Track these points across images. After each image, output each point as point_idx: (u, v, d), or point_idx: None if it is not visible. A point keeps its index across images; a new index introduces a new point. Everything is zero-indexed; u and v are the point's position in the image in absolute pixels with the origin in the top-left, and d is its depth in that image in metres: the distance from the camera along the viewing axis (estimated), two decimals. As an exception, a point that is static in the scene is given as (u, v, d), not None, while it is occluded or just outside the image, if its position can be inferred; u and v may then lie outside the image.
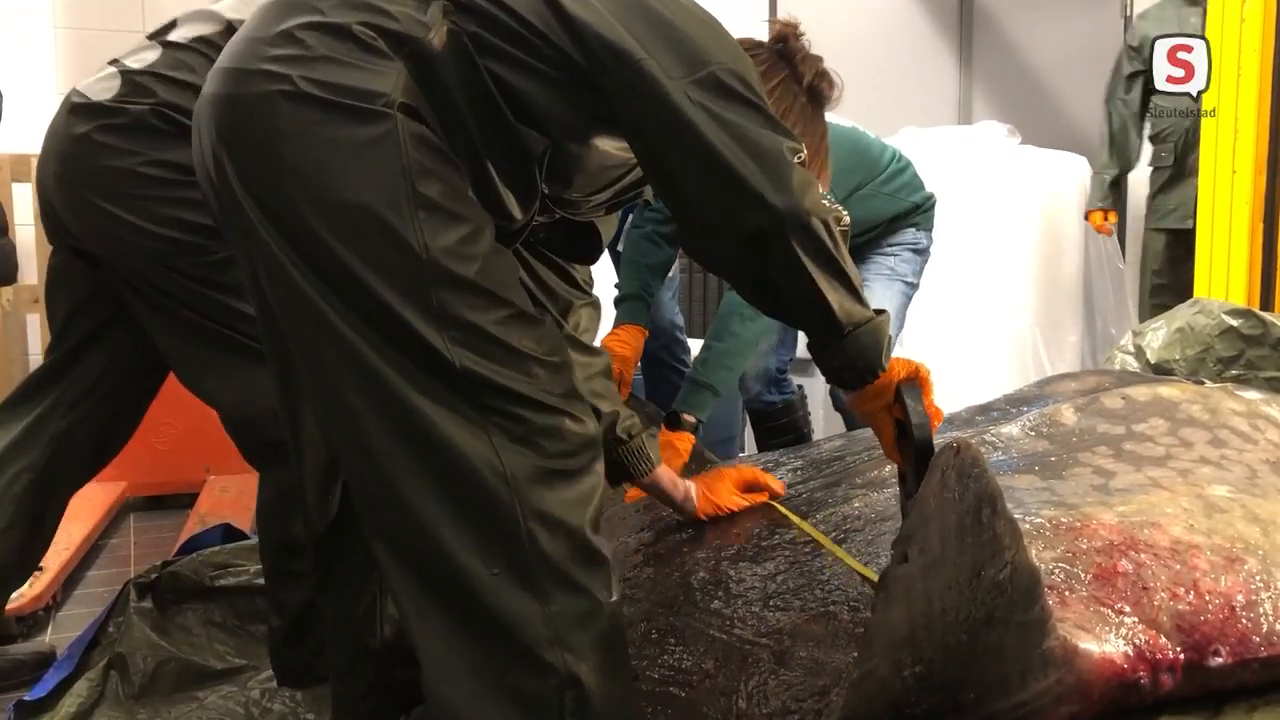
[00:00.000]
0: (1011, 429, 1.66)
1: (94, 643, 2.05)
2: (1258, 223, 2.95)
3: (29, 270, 3.41)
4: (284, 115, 1.13)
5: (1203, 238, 3.07)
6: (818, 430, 3.24)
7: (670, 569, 1.62)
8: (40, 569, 2.44)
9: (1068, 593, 1.15)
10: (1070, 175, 4.05)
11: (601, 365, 1.58)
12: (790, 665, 1.32)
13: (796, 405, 2.95)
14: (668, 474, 1.67)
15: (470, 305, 1.14)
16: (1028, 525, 1.25)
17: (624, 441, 1.60)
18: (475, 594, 1.14)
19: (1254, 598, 1.18)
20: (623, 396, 1.87)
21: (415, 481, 1.15)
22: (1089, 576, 1.17)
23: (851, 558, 1.48)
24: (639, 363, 2.45)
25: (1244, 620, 1.16)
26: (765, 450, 2.67)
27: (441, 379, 1.14)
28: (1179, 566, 1.19)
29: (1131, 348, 2.26)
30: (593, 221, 1.49)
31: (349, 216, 1.12)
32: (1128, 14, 4.28)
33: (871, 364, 1.30)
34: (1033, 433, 1.63)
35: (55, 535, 2.03)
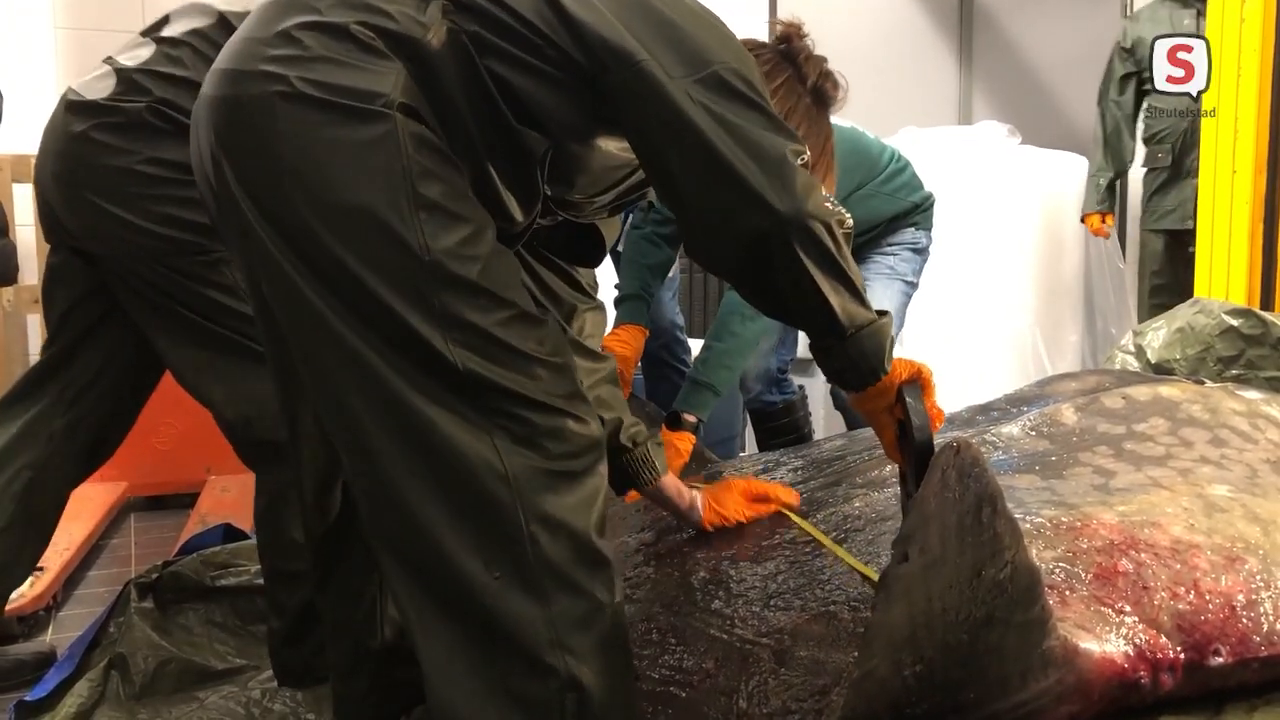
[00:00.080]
0: (1012, 429, 1.66)
1: (95, 643, 2.05)
2: (1258, 223, 2.94)
3: (29, 271, 3.41)
4: (282, 116, 1.12)
5: (1203, 238, 3.07)
6: (818, 430, 3.24)
7: (671, 569, 1.62)
8: (41, 569, 2.44)
9: (1068, 592, 1.15)
10: (1070, 175, 4.05)
11: (606, 371, 1.56)
12: (791, 665, 1.32)
13: (797, 405, 2.95)
14: (673, 482, 1.65)
15: (472, 306, 1.14)
16: (1028, 525, 1.25)
17: (628, 449, 1.58)
18: (476, 597, 1.14)
19: (1254, 597, 1.18)
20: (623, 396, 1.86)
21: (416, 484, 1.14)
22: (1089, 576, 1.17)
23: (852, 557, 1.48)
24: (639, 363, 2.45)
25: (1244, 620, 1.16)
26: (766, 450, 2.67)
27: (443, 381, 1.13)
28: (1179, 566, 1.19)
29: (1132, 347, 2.26)
30: (595, 224, 1.47)
31: (349, 218, 1.12)
32: (1128, 14, 4.27)
33: (874, 366, 1.30)
34: (1033, 432, 1.63)
35: (56, 534, 2.03)
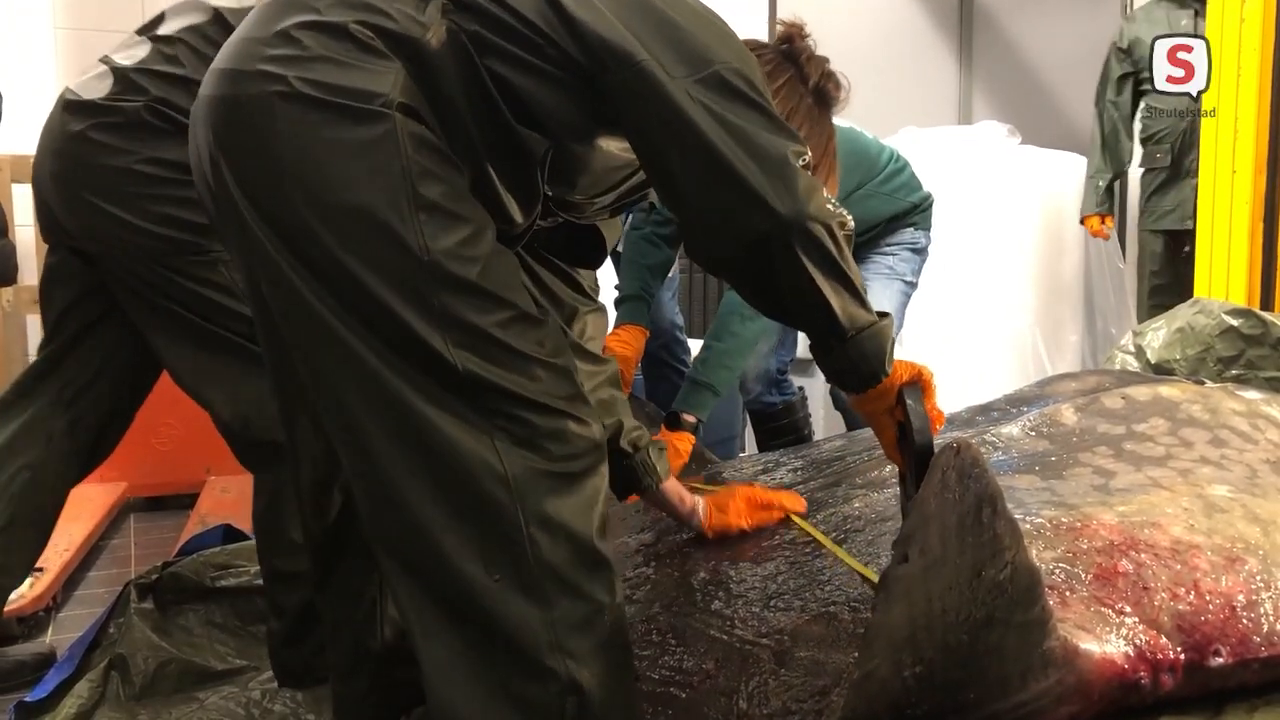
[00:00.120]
0: (1012, 429, 1.66)
1: (95, 643, 2.04)
2: (1258, 223, 2.94)
3: (29, 271, 3.41)
4: (281, 117, 1.12)
5: (1203, 238, 3.07)
6: (818, 430, 3.24)
7: (670, 569, 1.62)
8: (41, 570, 2.44)
9: (1068, 593, 1.15)
10: (1070, 175, 4.05)
11: (608, 374, 1.55)
12: (791, 666, 1.32)
13: (797, 406, 2.95)
14: (675, 487, 1.63)
15: (472, 307, 1.13)
16: (1028, 525, 1.25)
17: (629, 454, 1.56)
18: (476, 600, 1.13)
19: (1254, 598, 1.18)
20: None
21: (416, 486, 1.14)
22: (1089, 576, 1.17)
23: (852, 558, 1.48)
24: (639, 363, 2.45)
25: (1244, 620, 1.16)
26: (766, 451, 2.67)
27: (443, 382, 1.13)
28: (1179, 566, 1.19)
29: (1132, 347, 2.26)
30: (596, 225, 1.46)
31: (348, 218, 1.11)
32: (1128, 14, 4.27)
33: (874, 368, 1.30)
34: (1033, 433, 1.63)
35: (56, 535, 2.03)
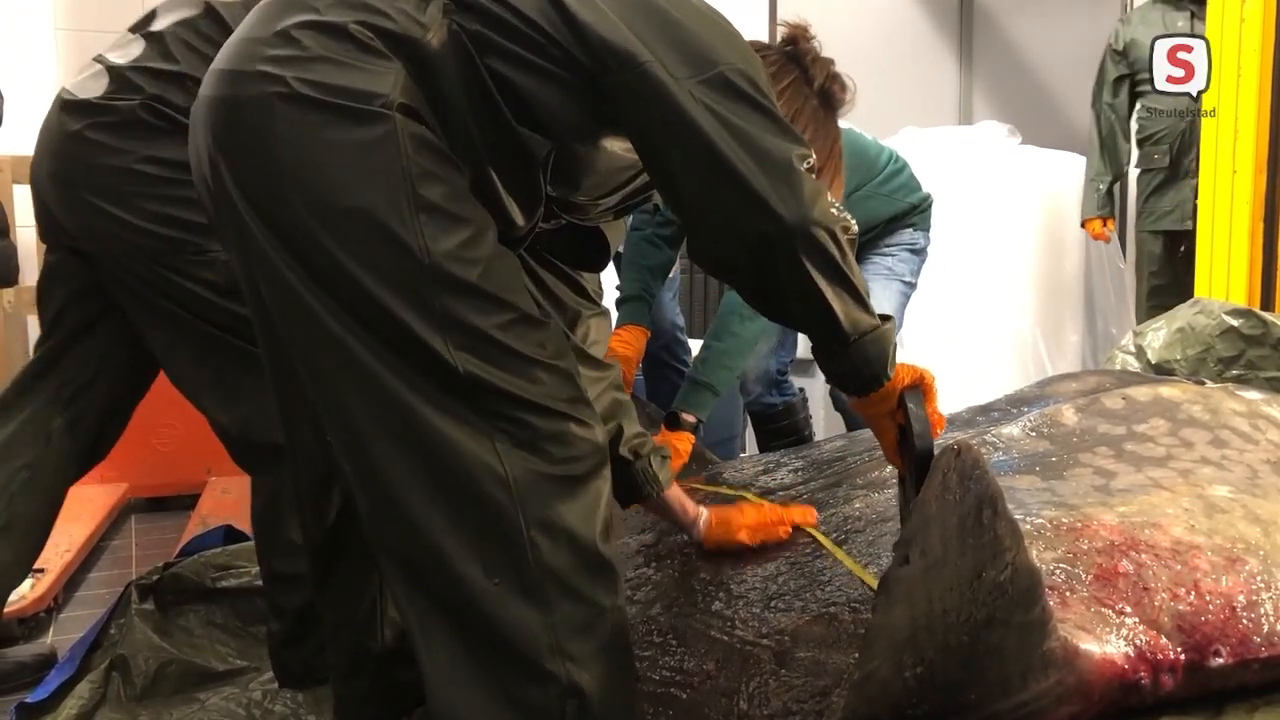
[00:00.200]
0: (1012, 429, 1.66)
1: (96, 644, 2.04)
2: (1258, 223, 2.95)
3: (30, 272, 3.41)
4: (280, 117, 1.11)
5: (1203, 238, 3.07)
6: (818, 431, 3.24)
7: (671, 570, 1.62)
8: (42, 570, 2.44)
9: (1069, 593, 1.15)
10: (1070, 175, 4.05)
11: (611, 380, 1.53)
12: (791, 666, 1.32)
13: (797, 407, 2.95)
14: (677, 495, 1.61)
15: (473, 309, 1.13)
16: (1028, 526, 1.25)
17: (630, 462, 1.53)
18: (476, 603, 1.13)
19: (1255, 598, 1.18)
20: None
21: (416, 488, 1.14)
22: (1090, 577, 1.17)
23: (852, 560, 1.48)
24: (640, 363, 2.46)
25: (1245, 620, 1.16)
26: (766, 451, 2.67)
27: (444, 384, 1.13)
28: (1180, 567, 1.19)
29: (1132, 348, 2.26)
30: (600, 228, 1.45)
31: (348, 220, 1.11)
32: (1124, 16, 4.28)
33: (876, 372, 1.29)
34: (1033, 433, 1.63)
35: (57, 536, 2.02)
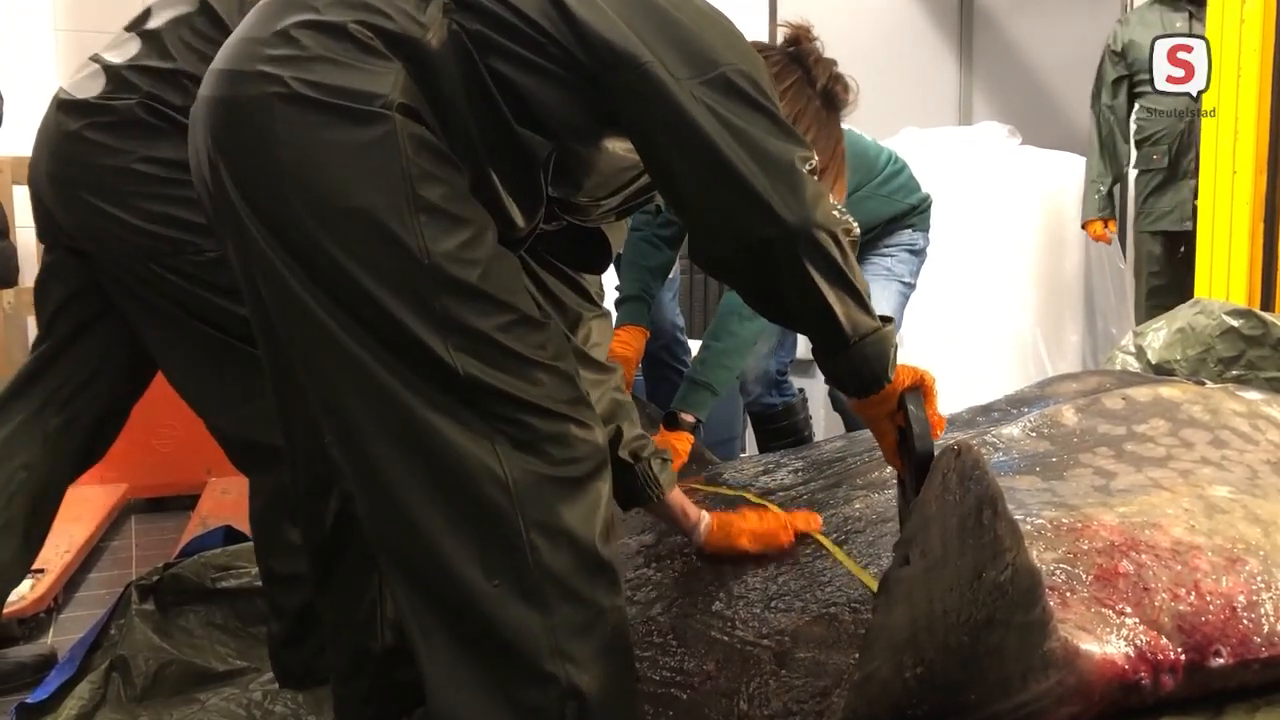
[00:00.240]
0: (1012, 430, 1.66)
1: (96, 645, 2.04)
2: (1258, 223, 2.95)
3: (30, 273, 3.40)
4: (280, 118, 1.11)
5: (1203, 238, 3.07)
6: (818, 431, 3.24)
7: (671, 570, 1.62)
8: (42, 571, 2.44)
9: (1069, 594, 1.15)
10: (1070, 175, 4.05)
11: (613, 382, 1.52)
12: (791, 667, 1.32)
13: (797, 407, 2.95)
14: (678, 499, 1.59)
15: (473, 310, 1.13)
16: (1029, 526, 1.25)
17: (630, 464, 1.52)
18: (476, 605, 1.13)
19: (1255, 598, 1.18)
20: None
21: (416, 489, 1.14)
22: (1090, 577, 1.17)
23: (852, 560, 1.48)
24: (640, 364, 2.46)
25: (1245, 621, 1.16)
26: (766, 452, 2.67)
27: (444, 386, 1.13)
28: (1180, 567, 1.19)
29: (1132, 348, 2.26)
30: (601, 229, 1.44)
31: (348, 220, 1.11)
32: (1122, 17, 4.27)
33: (876, 374, 1.29)
34: (1034, 434, 1.63)
35: (57, 536, 2.02)
